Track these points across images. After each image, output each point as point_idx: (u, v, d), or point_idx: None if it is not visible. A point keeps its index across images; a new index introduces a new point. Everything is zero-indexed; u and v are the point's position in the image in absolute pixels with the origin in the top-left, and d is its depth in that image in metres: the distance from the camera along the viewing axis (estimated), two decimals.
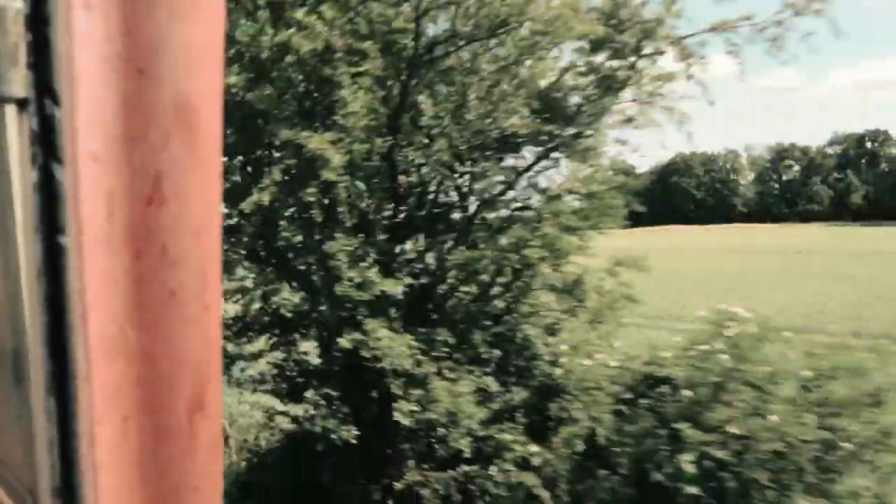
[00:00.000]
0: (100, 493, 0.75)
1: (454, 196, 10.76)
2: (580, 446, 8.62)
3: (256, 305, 10.23)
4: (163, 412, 0.77)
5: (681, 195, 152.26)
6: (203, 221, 0.78)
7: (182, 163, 0.76)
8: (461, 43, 9.11)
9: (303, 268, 9.84)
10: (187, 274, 0.77)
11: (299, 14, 8.17)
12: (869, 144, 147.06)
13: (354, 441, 8.81)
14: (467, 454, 8.74)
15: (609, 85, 9.52)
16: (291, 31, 8.09)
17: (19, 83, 0.71)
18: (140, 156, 0.74)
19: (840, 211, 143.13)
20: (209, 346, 0.79)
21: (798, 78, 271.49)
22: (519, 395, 9.68)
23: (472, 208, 10.38)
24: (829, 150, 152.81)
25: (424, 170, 10.31)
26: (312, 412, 10.03)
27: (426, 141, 9.68)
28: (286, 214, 9.49)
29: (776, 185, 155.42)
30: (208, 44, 0.77)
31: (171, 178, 0.75)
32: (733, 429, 7.27)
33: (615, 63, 9.52)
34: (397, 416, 8.50)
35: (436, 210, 10.65)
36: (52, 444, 0.75)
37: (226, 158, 8.75)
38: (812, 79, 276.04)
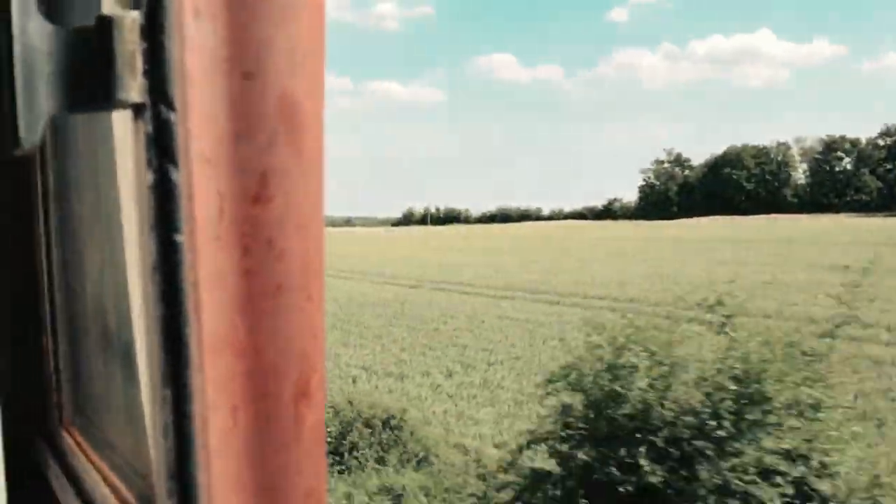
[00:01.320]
0: (212, 477, 0.76)
1: None
2: None
3: None
4: (270, 400, 0.78)
5: (733, 187, 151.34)
6: (307, 216, 0.79)
7: (287, 161, 0.77)
8: None
9: None
10: (292, 267, 0.78)
11: None
12: None
13: None
14: None
15: None
16: None
17: (136, 90, 0.73)
18: (247, 155, 0.75)
19: (889, 201, 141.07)
20: (314, 335, 0.80)
21: None
22: None
23: None
24: (881, 142, 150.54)
25: None
26: None
27: None
28: None
29: (827, 177, 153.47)
30: (310, 44, 0.77)
31: (277, 175, 0.76)
32: None
33: None
34: None
35: None
36: (167, 430, 0.76)
37: None
38: None
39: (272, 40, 0.75)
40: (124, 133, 0.93)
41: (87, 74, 0.74)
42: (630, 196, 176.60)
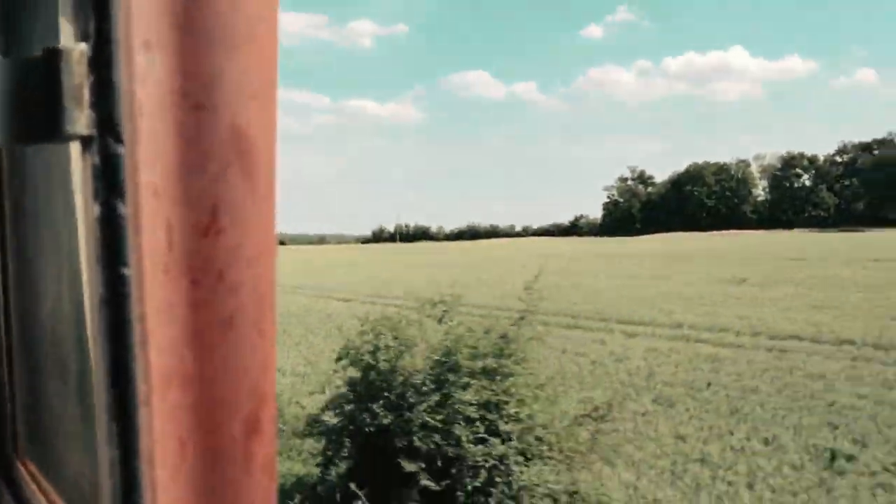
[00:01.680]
0: None
1: None
2: None
3: None
4: (219, 435, 0.76)
5: (694, 203, 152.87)
6: (259, 248, 0.77)
7: (239, 192, 0.75)
8: None
9: None
10: (243, 300, 0.76)
11: None
12: (876, 152, 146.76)
13: None
14: None
15: None
16: None
17: (83, 122, 0.71)
18: (198, 187, 0.73)
19: (846, 217, 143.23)
20: (265, 369, 0.79)
21: (878, 76, 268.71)
22: None
23: None
24: (838, 159, 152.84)
25: None
26: None
27: None
28: None
29: (785, 193, 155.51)
30: (263, 75, 0.76)
31: (228, 207, 0.75)
32: None
33: None
34: None
35: None
36: (114, 466, 0.74)
37: None
38: (890, 76, 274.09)
39: (223, 71, 0.73)
40: (76, 165, 0.92)
41: (34, 106, 0.72)
42: (598, 213, 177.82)
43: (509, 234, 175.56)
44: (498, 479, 6.61)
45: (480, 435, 6.80)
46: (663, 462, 9.66)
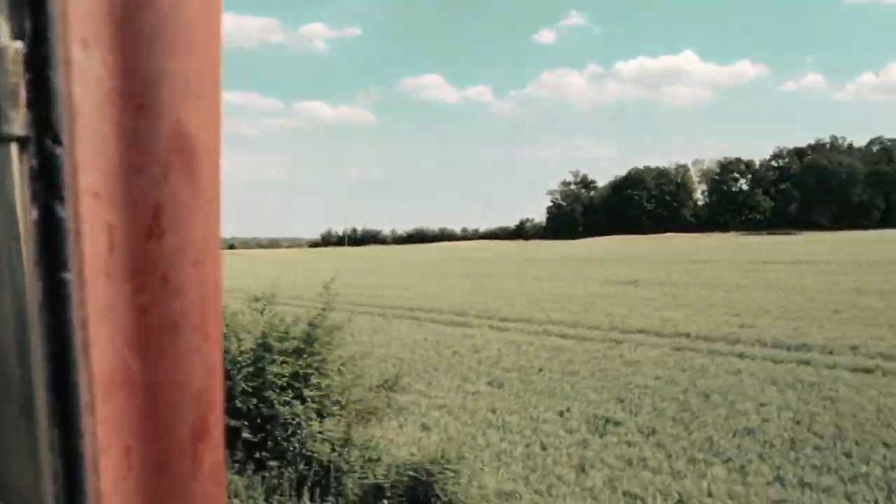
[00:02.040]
0: None
1: None
2: None
3: None
4: (165, 441, 0.74)
5: (634, 207, 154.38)
6: (203, 251, 0.75)
7: (181, 194, 0.73)
8: None
9: None
10: (188, 303, 0.74)
11: None
12: (808, 156, 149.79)
13: None
14: None
15: None
16: None
17: (19, 122, 0.68)
18: (140, 189, 0.71)
19: (781, 220, 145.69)
20: (211, 374, 0.76)
21: (826, 81, 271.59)
22: None
23: None
24: (774, 164, 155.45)
25: None
26: None
27: None
28: None
29: (724, 197, 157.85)
30: (206, 75, 0.74)
31: (171, 209, 0.72)
32: None
33: None
34: None
35: None
36: (56, 474, 0.71)
37: None
38: (838, 81, 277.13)
39: (165, 71, 0.71)
40: (13, 167, 0.88)
41: None
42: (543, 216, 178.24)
43: (456, 237, 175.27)
44: (298, 431, 8.15)
45: (288, 399, 8.33)
46: (461, 426, 11.43)
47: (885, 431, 10.07)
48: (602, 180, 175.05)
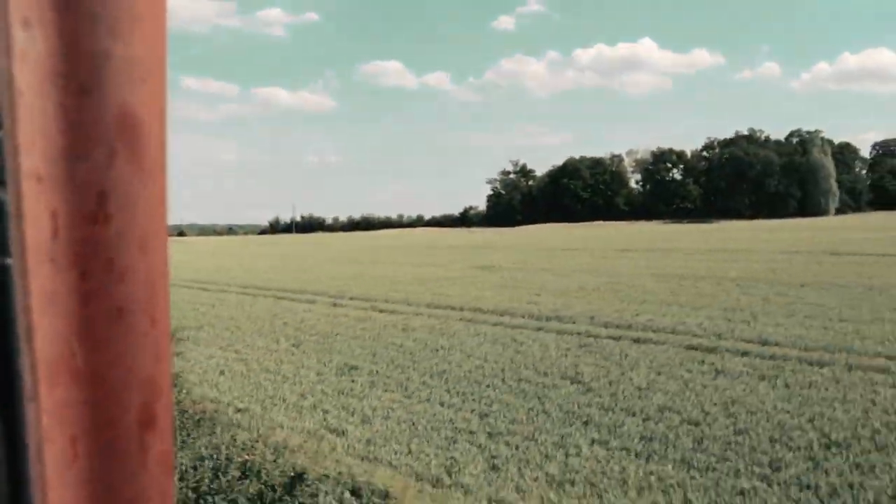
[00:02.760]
0: None
1: None
2: None
3: None
4: (112, 429, 0.70)
5: (570, 196, 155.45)
6: (150, 235, 0.72)
7: (127, 178, 0.69)
8: None
9: None
10: (134, 289, 0.71)
11: None
12: (727, 148, 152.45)
13: None
14: None
15: None
16: None
17: None
18: (84, 173, 0.67)
19: (710, 209, 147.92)
20: (158, 360, 0.73)
21: (782, 70, 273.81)
22: None
23: None
24: (706, 154, 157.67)
25: None
26: None
27: None
28: None
29: (657, 187, 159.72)
30: (151, 57, 0.70)
31: (116, 193, 0.69)
32: None
33: None
34: None
35: None
36: None
37: None
38: (794, 70, 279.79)
39: (109, 53, 0.68)
40: None
41: None
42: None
43: (402, 224, 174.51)
44: None
45: None
46: (247, 371, 13.84)
47: (534, 373, 12.75)
48: (535, 170, 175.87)
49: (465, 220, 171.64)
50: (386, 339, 16.63)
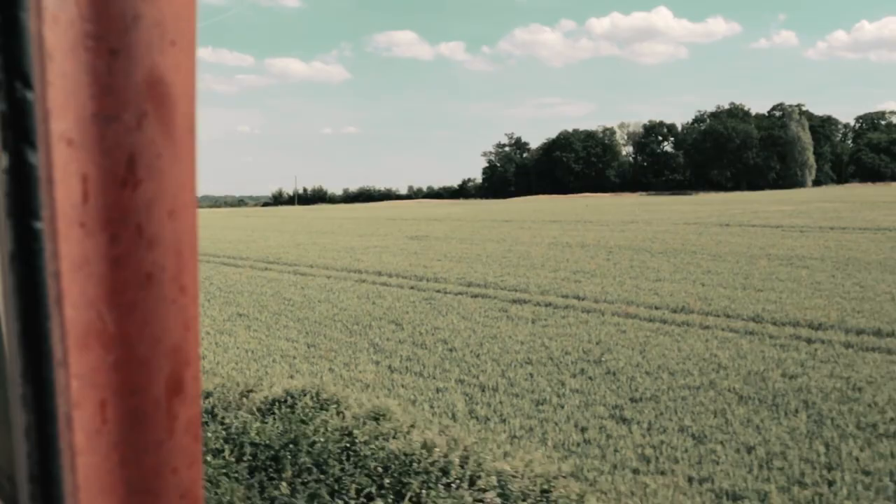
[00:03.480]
0: (78, 478, 0.66)
1: None
2: None
3: None
4: (141, 395, 0.68)
5: (562, 169, 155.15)
6: (178, 201, 0.69)
7: (156, 142, 0.67)
8: None
9: None
10: (163, 255, 0.69)
11: None
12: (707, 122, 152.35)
13: None
14: None
15: None
16: None
17: None
18: (113, 136, 0.65)
19: (700, 181, 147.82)
20: (187, 327, 0.71)
21: (798, 38, 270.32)
22: None
23: None
24: (696, 126, 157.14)
25: None
26: None
27: None
28: None
29: (648, 159, 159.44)
30: (181, 20, 0.68)
31: (146, 158, 0.67)
32: None
33: None
34: None
35: None
36: (29, 430, 0.66)
37: None
38: (810, 39, 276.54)
39: (140, 15, 0.65)
40: None
41: None
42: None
43: (399, 196, 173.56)
44: None
45: None
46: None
47: (370, 318, 15.97)
48: (530, 143, 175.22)
49: (462, 192, 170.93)
50: (282, 295, 19.60)
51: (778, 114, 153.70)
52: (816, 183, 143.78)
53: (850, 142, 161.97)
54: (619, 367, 11.26)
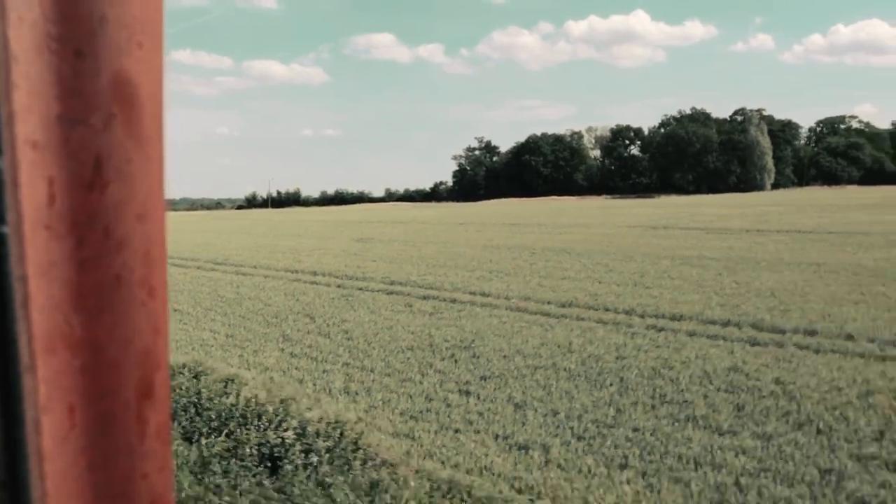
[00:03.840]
0: (47, 483, 0.65)
1: None
2: None
3: None
4: (110, 399, 0.67)
5: (531, 172, 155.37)
6: (147, 203, 0.68)
7: (123, 144, 0.66)
8: None
9: None
10: (131, 258, 0.67)
11: None
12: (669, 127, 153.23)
13: None
14: None
15: None
16: None
17: None
18: (79, 139, 0.63)
19: (665, 185, 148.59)
20: (156, 331, 0.69)
21: (775, 41, 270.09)
22: None
23: None
24: (662, 130, 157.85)
25: None
26: None
27: None
28: None
29: (615, 162, 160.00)
30: (148, 23, 0.67)
31: (113, 160, 0.65)
32: None
33: None
34: None
35: None
36: None
37: None
38: (786, 42, 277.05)
39: (106, 17, 0.64)
40: None
41: None
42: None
43: (374, 199, 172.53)
44: None
45: None
46: None
47: (288, 312, 17.06)
48: (499, 147, 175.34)
49: (434, 195, 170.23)
50: (217, 293, 20.52)
51: (739, 118, 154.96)
52: (775, 186, 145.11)
53: (812, 146, 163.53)
54: (483, 352, 12.26)
